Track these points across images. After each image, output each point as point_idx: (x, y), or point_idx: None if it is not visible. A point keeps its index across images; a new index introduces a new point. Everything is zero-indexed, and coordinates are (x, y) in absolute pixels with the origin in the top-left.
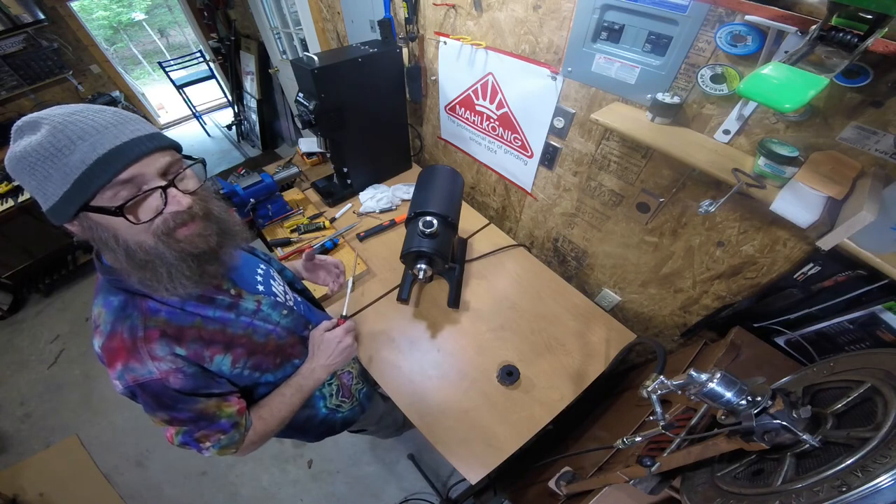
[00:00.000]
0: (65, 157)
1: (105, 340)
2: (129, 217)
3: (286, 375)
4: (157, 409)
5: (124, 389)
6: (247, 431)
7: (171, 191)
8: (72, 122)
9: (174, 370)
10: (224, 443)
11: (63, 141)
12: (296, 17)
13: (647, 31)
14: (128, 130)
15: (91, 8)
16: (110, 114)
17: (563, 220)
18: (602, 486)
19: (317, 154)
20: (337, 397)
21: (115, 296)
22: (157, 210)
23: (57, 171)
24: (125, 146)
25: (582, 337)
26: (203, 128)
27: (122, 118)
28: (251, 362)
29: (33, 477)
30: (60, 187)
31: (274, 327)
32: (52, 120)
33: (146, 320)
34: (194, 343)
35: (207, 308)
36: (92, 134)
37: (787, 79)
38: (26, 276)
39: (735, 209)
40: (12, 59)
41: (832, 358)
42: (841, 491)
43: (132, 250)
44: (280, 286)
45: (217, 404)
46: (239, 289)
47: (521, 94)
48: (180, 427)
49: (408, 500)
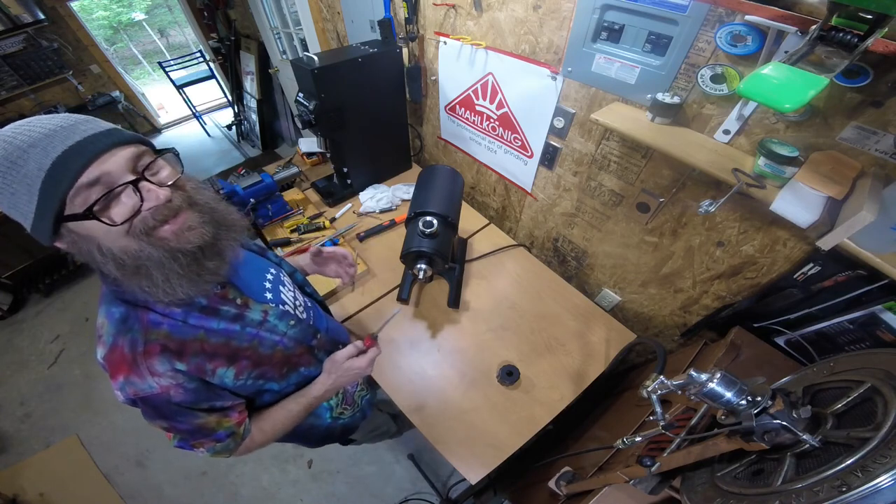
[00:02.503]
0: (21, 169)
1: (107, 352)
2: (102, 219)
3: (291, 384)
4: (156, 418)
5: (126, 400)
6: (242, 440)
7: (144, 185)
8: (20, 133)
9: (175, 385)
10: (218, 449)
11: (15, 153)
12: (296, 17)
13: (647, 31)
14: (80, 130)
15: (91, 8)
16: (60, 118)
17: (563, 220)
18: (602, 486)
19: (317, 154)
20: (340, 406)
21: (117, 307)
22: (134, 208)
23: (20, 185)
24: (78, 145)
25: (582, 337)
26: (203, 128)
27: (73, 120)
28: (256, 373)
29: (33, 477)
30: (30, 202)
31: (281, 338)
32: (2, 136)
33: (147, 334)
34: (196, 357)
35: (212, 320)
36: (41, 139)
37: (787, 79)
38: (26, 276)
39: (735, 209)
40: (12, 59)
41: (832, 358)
42: (841, 491)
43: (119, 258)
44: (290, 292)
45: (217, 420)
46: (245, 297)
47: (521, 94)
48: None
49: (408, 500)
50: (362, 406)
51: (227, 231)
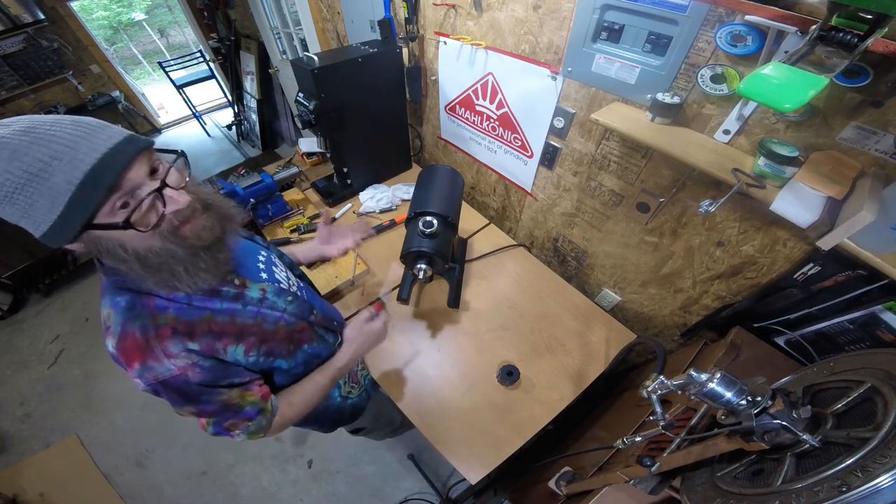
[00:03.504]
0: (45, 181)
1: (118, 341)
2: (138, 228)
3: (299, 363)
4: (183, 403)
5: (146, 387)
6: (273, 416)
7: (167, 191)
8: (33, 142)
9: (191, 365)
10: (252, 429)
11: (35, 165)
12: (296, 17)
13: (647, 31)
14: (100, 139)
15: (91, 8)
16: (69, 124)
17: (563, 220)
18: (602, 486)
19: (317, 154)
20: (348, 385)
21: (121, 296)
22: (159, 214)
23: (42, 197)
24: (108, 157)
25: (582, 337)
26: (203, 128)
27: (88, 127)
28: (264, 349)
29: (33, 477)
30: (51, 212)
31: (281, 314)
32: (9, 143)
33: (156, 319)
34: (206, 336)
35: (214, 301)
36: (65, 151)
37: (787, 79)
38: (26, 276)
39: (735, 209)
40: (12, 59)
41: (832, 358)
42: (841, 491)
43: (144, 256)
44: (283, 272)
45: (240, 394)
46: (243, 279)
47: (521, 94)
48: (209, 418)
49: (408, 500)
50: (366, 385)
51: (230, 223)
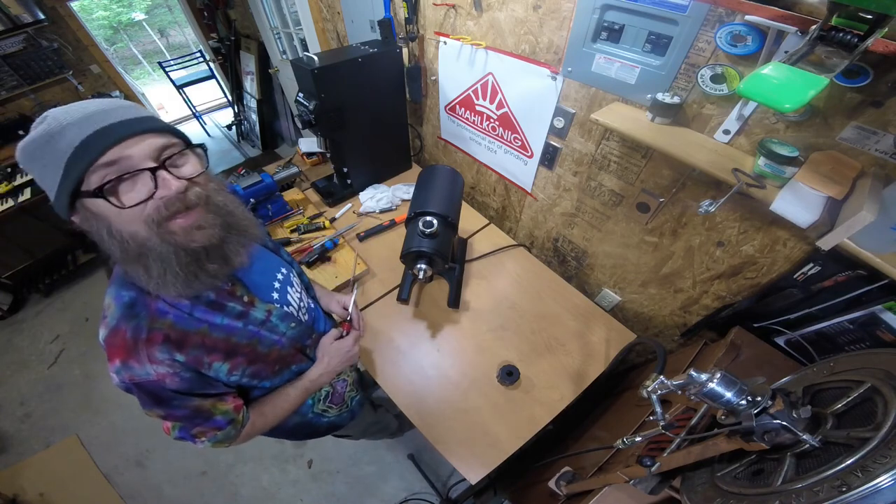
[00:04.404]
0: (55, 143)
1: (108, 334)
2: (110, 199)
3: (283, 381)
4: (153, 405)
5: (120, 384)
6: (243, 427)
7: (162, 174)
8: (69, 111)
9: (171, 374)
10: (220, 438)
11: (56, 128)
12: (296, 17)
13: (647, 31)
14: (117, 114)
15: (91, 8)
16: (107, 102)
17: (563, 220)
18: (602, 486)
19: (317, 154)
20: (324, 403)
21: (128, 291)
22: (146, 194)
23: (50, 158)
24: (109, 127)
25: (582, 337)
26: (203, 128)
27: (117, 105)
28: (250, 370)
29: (33, 477)
30: (55, 175)
31: (279, 338)
32: (56, 110)
33: (152, 322)
34: (196, 349)
35: (216, 315)
36: (81, 119)
37: (787, 79)
38: (26, 276)
39: (735, 209)
40: (12, 59)
41: (832, 358)
42: (841, 491)
43: (125, 242)
44: (297, 293)
45: (213, 403)
46: (252, 296)
47: (521, 94)
48: (176, 422)
49: (408, 500)
50: (352, 407)
51: (237, 236)
